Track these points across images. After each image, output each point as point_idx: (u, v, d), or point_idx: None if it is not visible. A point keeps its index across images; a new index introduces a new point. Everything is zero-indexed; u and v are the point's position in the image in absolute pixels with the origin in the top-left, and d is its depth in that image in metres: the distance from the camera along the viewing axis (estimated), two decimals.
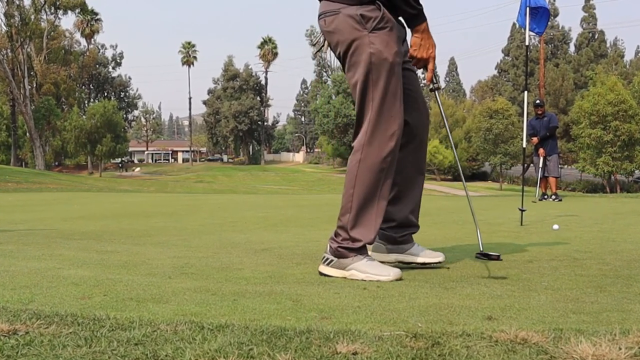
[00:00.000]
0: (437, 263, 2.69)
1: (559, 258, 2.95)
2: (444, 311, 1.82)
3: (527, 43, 5.86)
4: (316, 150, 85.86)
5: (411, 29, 2.45)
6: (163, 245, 3.71)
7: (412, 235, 2.74)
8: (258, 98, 77.10)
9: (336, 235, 2.49)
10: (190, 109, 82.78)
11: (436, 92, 2.57)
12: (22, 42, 53.75)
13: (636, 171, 34.21)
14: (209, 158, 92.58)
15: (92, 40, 73.03)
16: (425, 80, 2.62)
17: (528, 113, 6.34)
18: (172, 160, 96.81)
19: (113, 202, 9.98)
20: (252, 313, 1.78)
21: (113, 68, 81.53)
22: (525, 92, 5.73)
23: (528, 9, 5.41)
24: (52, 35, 64.39)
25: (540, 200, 10.14)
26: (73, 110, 63.65)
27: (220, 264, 2.83)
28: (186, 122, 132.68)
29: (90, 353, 1.30)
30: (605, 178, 34.86)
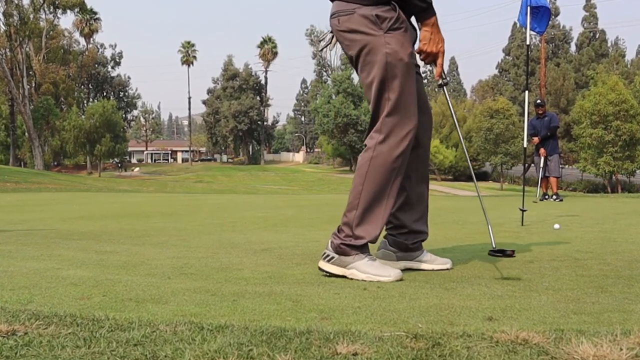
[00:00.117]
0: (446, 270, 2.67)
1: (560, 258, 2.94)
2: (445, 312, 1.81)
3: (528, 42, 5.85)
4: (316, 150, 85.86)
5: (421, 23, 2.44)
6: (162, 245, 3.70)
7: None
8: (258, 98, 77.06)
9: (339, 231, 2.48)
10: (189, 109, 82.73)
11: (444, 88, 2.55)
12: (21, 42, 53.73)
13: (637, 171, 34.14)
14: (202, 158, 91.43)
15: (91, 39, 73.08)
16: (434, 75, 2.61)
17: (529, 113, 6.32)
18: (172, 160, 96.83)
19: (112, 202, 9.97)
20: (252, 313, 1.78)
21: (112, 67, 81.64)
22: (526, 92, 5.72)
23: (529, 8, 5.40)
24: (51, 34, 64.40)
25: (541, 200, 10.13)
26: (72, 110, 63.56)
27: (219, 265, 2.83)
28: (186, 122, 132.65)
29: (89, 354, 1.30)
30: (606, 178, 34.82)
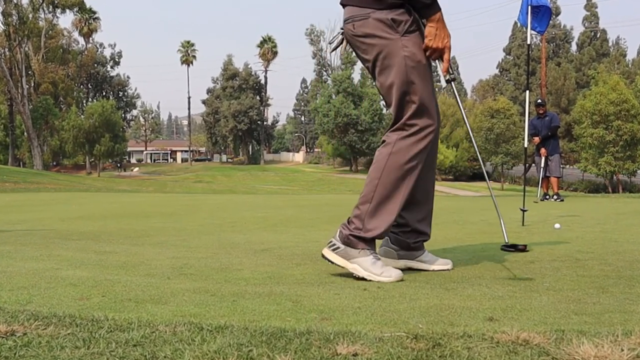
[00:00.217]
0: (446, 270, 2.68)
1: (561, 259, 2.94)
2: (445, 312, 1.81)
3: (529, 42, 5.84)
4: (316, 150, 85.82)
5: (426, 19, 2.44)
6: (162, 245, 3.70)
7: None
8: (257, 97, 77.03)
9: (349, 222, 2.48)
10: (189, 109, 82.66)
11: (452, 83, 2.55)
12: (20, 41, 53.73)
13: (639, 171, 34.10)
14: (197, 158, 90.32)
15: (91, 39, 73.02)
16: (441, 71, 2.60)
17: (529, 112, 6.31)
18: (171, 160, 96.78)
19: (111, 202, 9.97)
20: (252, 314, 1.78)
21: (111, 67, 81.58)
22: (526, 92, 5.72)
23: (530, 8, 5.39)
24: (50, 34, 64.42)
25: (542, 200, 10.12)
26: (71, 109, 63.55)
27: (219, 265, 2.82)
28: (185, 122, 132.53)
29: (88, 354, 1.30)
30: (607, 178, 34.81)
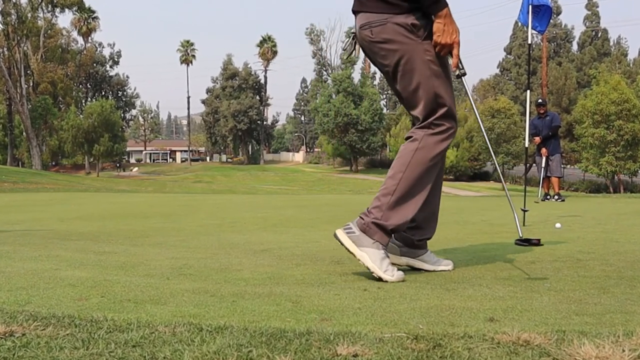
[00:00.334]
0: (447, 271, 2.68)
1: (562, 259, 2.93)
2: (446, 313, 1.81)
3: (530, 41, 5.83)
4: (316, 150, 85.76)
5: (433, 15, 2.44)
6: (161, 246, 3.69)
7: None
8: (257, 97, 76.99)
9: (369, 212, 2.50)
10: (188, 108, 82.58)
11: (463, 78, 2.55)
12: (19, 41, 53.73)
13: None
14: (194, 158, 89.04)
15: (90, 38, 72.90)
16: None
17: (530, 112, 6.31)
18: (171, 160, 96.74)
19: (111, 203, 9.96)
20: (251, 315, 1.77)
21: (111, 67, 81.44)
22: (527, 91, 5.71)
23: (530, 7, 5.38)
24: (49, 33, 64.46)
25: (542, 200, 10.12)
26: (70, 109, 63.43)
27: (219, 265, 2.82)
28: (185, 122, 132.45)
29: (87, 355, 1.30)
30: (608, 178, 34.81)
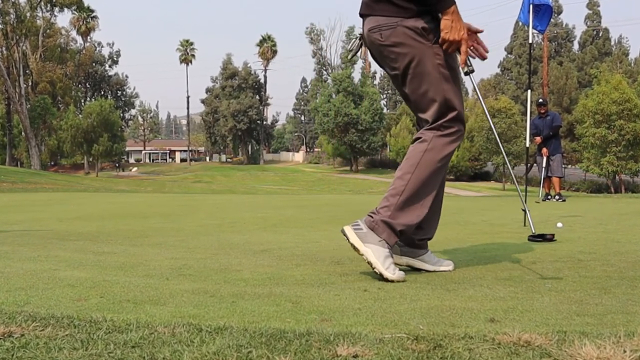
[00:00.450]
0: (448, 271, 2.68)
1: (563, 259, 2.93)
2: (446, 313, 1.80)
3: (531, 41, 5.84)
4: (316, 149, 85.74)
5: (440, 12, 2.45)
6: (161, 246, 3.69)
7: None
8: (257, 97, 76.93)
9: (378, 212, 2.52)
10: (188, 108, 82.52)
11: (471, 75, 2.55)
12: (18, 40, 53.67)
13: None
14: (192, 158, 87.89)
15: (89, 38, 72.86)
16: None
17: (531, 112, 6.31)
18: (170, 160, 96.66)
19: (110, 203, 9.96)
20: (251, 315, 1.77)
21: (110, 66, 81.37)
22: (528, 91, 5.72)
23: (531, 6, 5.38)
24: (48, 33, 64.38)
25: (543, 200, 10.12)
26: (69, 109, 63.38)
27: (218, 266, 2.82)
28: (184, 121, 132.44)
29: (86, 356, 1.29)
30: (609, 178, 34.81)
